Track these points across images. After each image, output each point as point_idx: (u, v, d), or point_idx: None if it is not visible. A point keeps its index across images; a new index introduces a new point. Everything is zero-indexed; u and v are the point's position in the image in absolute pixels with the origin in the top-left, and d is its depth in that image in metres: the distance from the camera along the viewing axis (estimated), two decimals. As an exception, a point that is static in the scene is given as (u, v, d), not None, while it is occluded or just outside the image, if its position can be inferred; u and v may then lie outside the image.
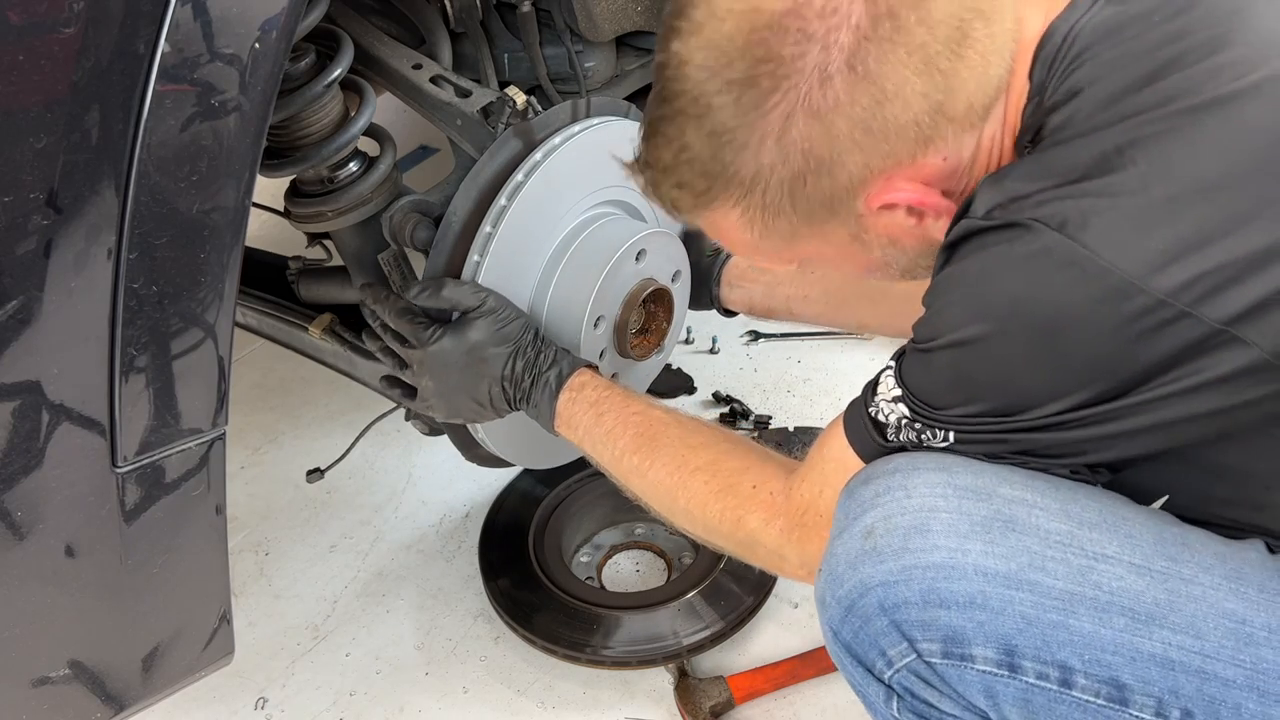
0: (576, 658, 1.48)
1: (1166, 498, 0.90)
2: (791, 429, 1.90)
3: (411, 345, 1.27)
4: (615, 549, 1.73)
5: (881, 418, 0.91)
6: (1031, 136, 0.85)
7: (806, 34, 0.79)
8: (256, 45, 0.86)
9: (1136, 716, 0.81)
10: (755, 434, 1.89)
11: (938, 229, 0.88)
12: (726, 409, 1.95)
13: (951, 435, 0.87)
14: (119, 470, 0.92)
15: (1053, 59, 0.84)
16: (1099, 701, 0.81)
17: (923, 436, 0.89)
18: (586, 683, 1.51)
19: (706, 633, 1.48)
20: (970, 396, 0.85)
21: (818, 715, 1.45)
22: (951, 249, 0.84)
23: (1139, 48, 0.81)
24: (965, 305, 0.83)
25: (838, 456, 0.96)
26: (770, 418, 1.93)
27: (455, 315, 1.27)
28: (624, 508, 1.75)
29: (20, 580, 0.92)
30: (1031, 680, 0.82)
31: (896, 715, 0.89)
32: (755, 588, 1.54)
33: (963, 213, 0.84)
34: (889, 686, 0.87)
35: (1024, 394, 0.82)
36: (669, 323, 1.47)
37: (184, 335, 0.91)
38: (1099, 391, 0.79)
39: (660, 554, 1.70)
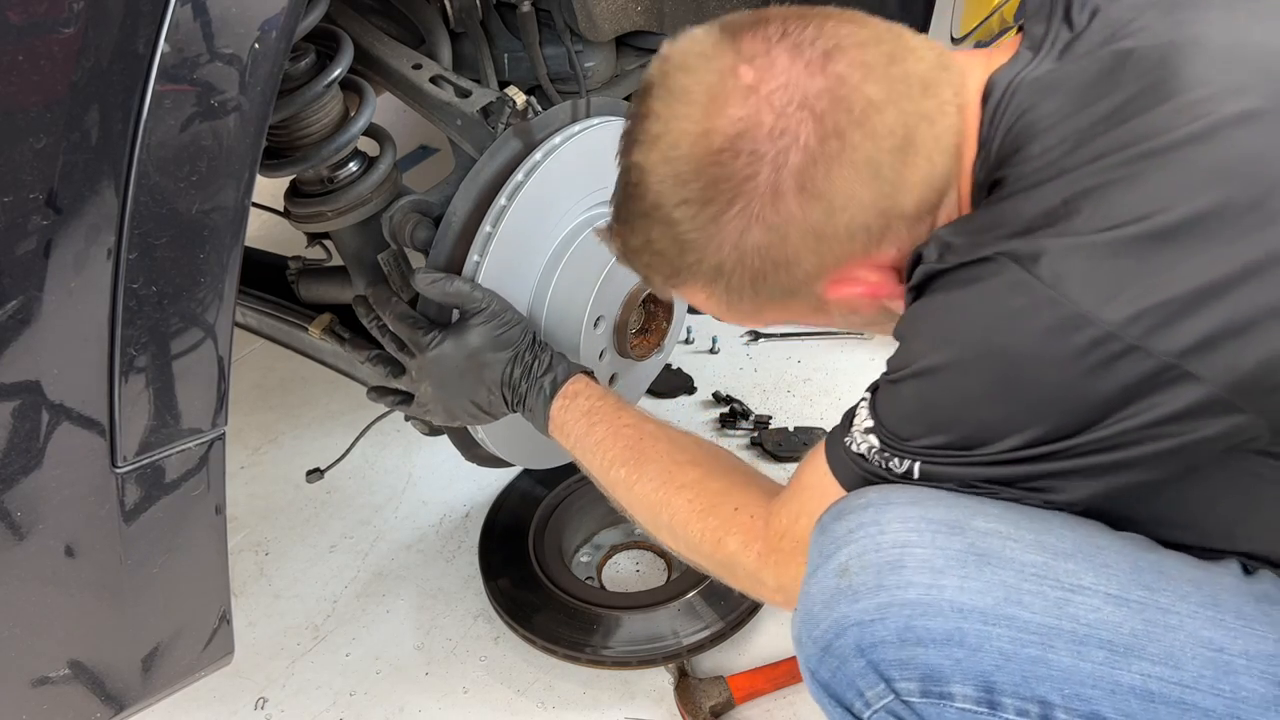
0: (576, 658, 1.48)
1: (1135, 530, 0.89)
2: (791, 429, 1.90)
3: (410, 352, 1.27)
4: (615, 549, 1.73)
5: (856, 448, 0.92)
6: (986, 193, 0.87)
7: (758, 155, 0.83)
8: (256, 45, 0.86)
9: None
10: (755, 434, 1.89)
11: (894, 304, 0.92)
12: (726, 409, 1.95)
13: (917, 467, 0.88)
14: (119, 470, 0.92)
15: (994, 112, 0.86)
16: None
17: (891, 465, 0.89)
18: (586, 683, 1.51)
19: (706, 633, 1.48)
20: (933, 427, 0.86)
21: (817, 715, 1.44)
22: (917, 290, 0.87)
23: (1078, 102, 0.83)
24: (930, 335, 0.85)
25: (817, 484, 0.96)
26: (770, 418, 1.93)
27: (455, 318, 1.27)
28: (624, 508, 1.75)
29: (20, 580, 0.92)
30: (1011, 716, 0.81)
31: None
32: (755, 588, 1.54)
33: (915, 262, 0.87)
34: None
35: (983, 427, 0.83)
36: (669, 323, 1.47)
37: (184, 335, 0.91)
38: (1054, 427, 0.80)
39: (660, 554, 1.70)
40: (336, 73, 1.20)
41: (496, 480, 1.82)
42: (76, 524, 0.92)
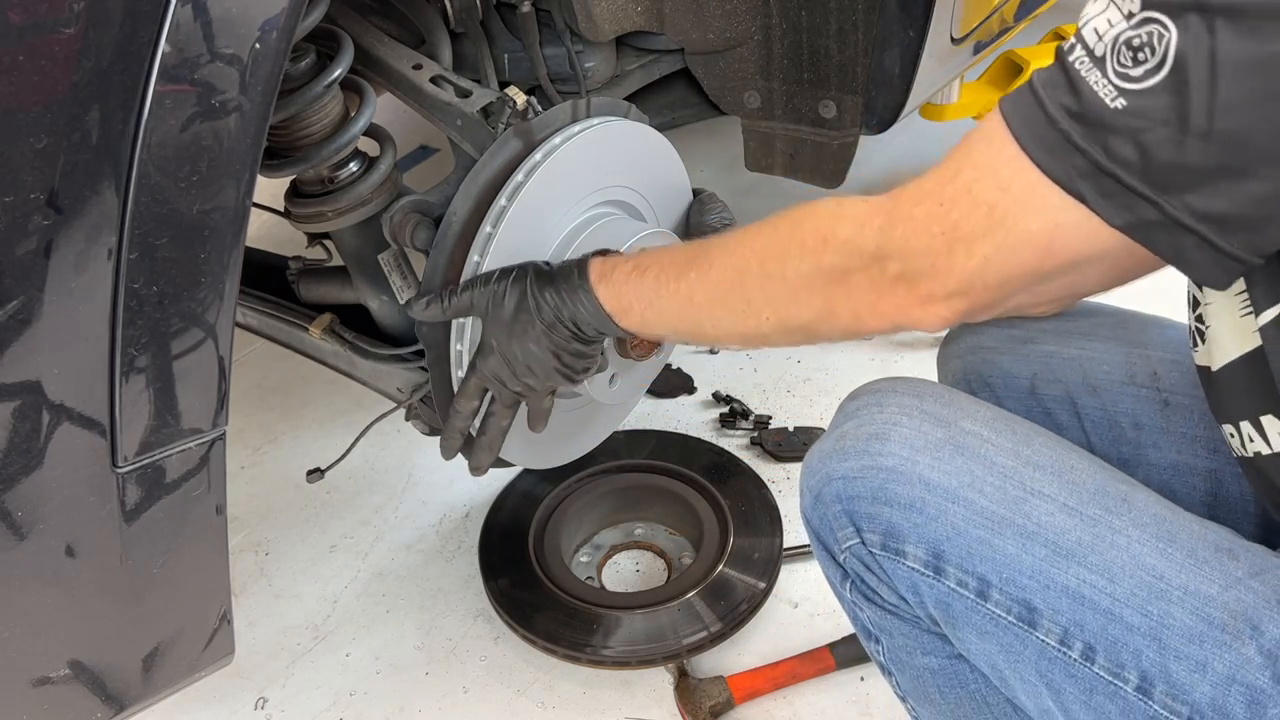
0: (576, 658, 1.48)
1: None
2: (791, 429, 1.90)
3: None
4: (615, 549, 1.73)
5: (1074, 59, 0.74)
6: None
7: None
8: (257, 45, 0.86)
9: (1042, 640, 0.86)
10: (755, 434, 1.90)
11: None
12: (726, 409, 1.95)
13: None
14: (119, 470, 0.92)
15: None
16: (1009, 619, 0.87)
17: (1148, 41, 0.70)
18: (586, 683, 1.51)
19: (706, 633, 1.48)
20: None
21: (817, 715, 1.45)
22: None
23: None
24: None
25: (987, 131, 0.82)
26: (770, 418, 1.93)
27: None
28: (624, 507, 1.75)
29: (20, 580, 0.92)
30: (952, 585, 0.89)
31: (850, 596, 1.00)
32: (754, 587, 1.54)
33: None
34: (843, 568, 0.98)
35: None
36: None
37: (184, 335, 0.91)
38: None
39: (660, 554, 1.70)
40: (337, 73, 1.20)
41: (496, 480, 1.82)
42: (77, 524, 0.92)
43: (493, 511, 1.73)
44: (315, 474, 1.49)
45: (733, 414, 1.94)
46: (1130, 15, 0.71)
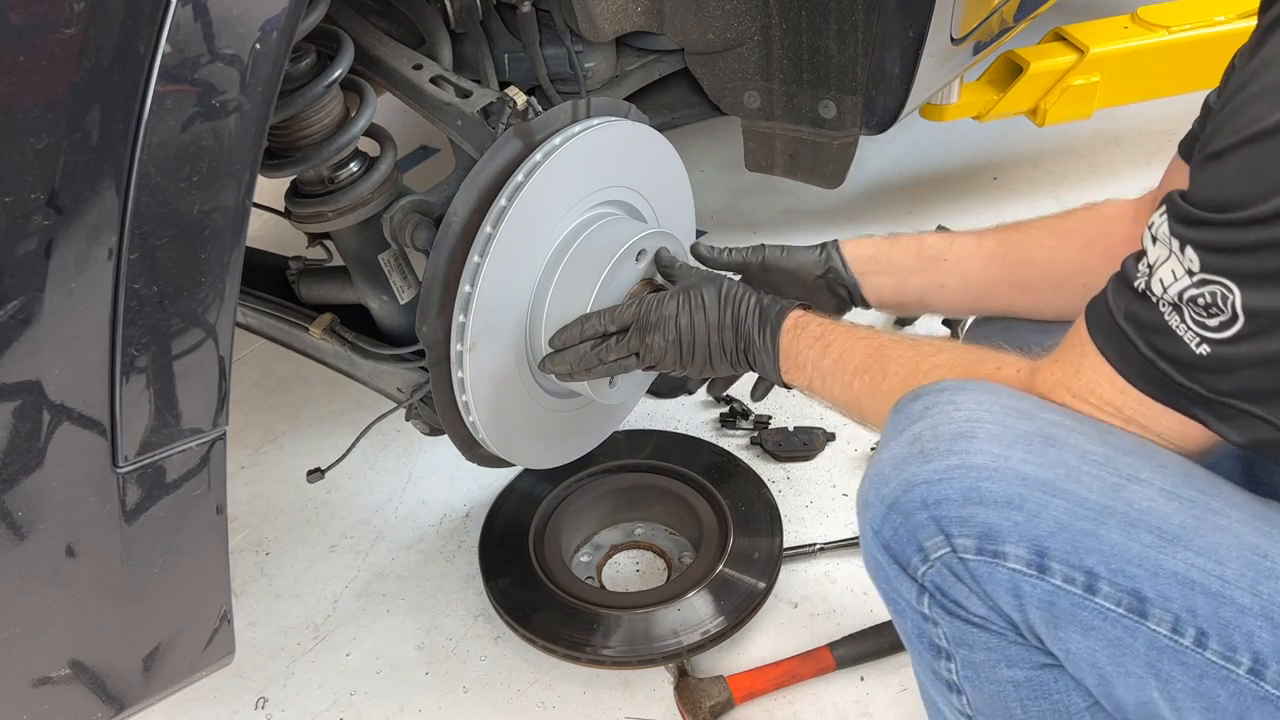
0: (576, 658, 1.48)
1: None
2: (791, 429, 1.90)
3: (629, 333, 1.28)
4: (615, 549, 1.73)
5: (1141, 283, 0.84)
6: None
7: None
8: (257, 46, 0.86)
9: (1154, 630, 0.83)
10: (755, 434, 1.90)
11: None
12: (726, 409, 1.95)
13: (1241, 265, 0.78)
14: (120, 470, 0.92)
15: None
16: (1119, 610, 0.84)
17: (1208, 280, 0.78)
18: (586, 683, 1.51)
19: (706, 633, 1.48)
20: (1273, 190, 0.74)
21: (817, 715, 1.45)
22: (1269, 30, 0.76)
23: None
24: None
25: (1080, 343, 0.93)
26: (770, 418, 1.93)
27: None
28: (624, 507, 1.75)
29: (21, 580, 0.92)
30: (1058, 583, 0.85)
31: (926, 612, 0.92)
32: (754, 587, 1.54)
33: None
34: (920, 584, 0.90)
35: None
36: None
37: (185, 335, 0.91)
38: None
39: (660, 554, 1.71)
40: (337, 73, 1.20)
41: (496, 480, 1.82)
42: (77, 524, 0.92)
43: (493, 511, 1.73)
44: (315, 474, 1.49)
45: (733, 414, 1.94)
46: (1190, 274, 0.80)
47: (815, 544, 1.67)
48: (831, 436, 1.89)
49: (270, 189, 1.36)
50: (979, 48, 1.98)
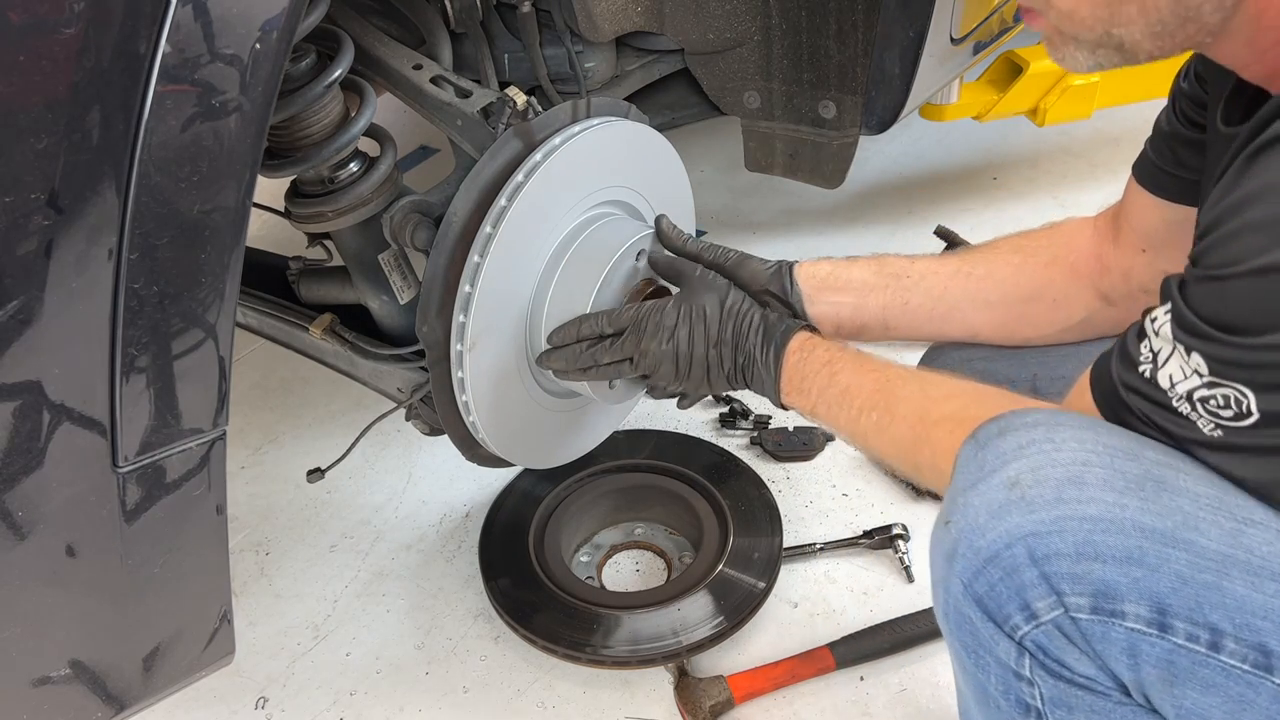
0: (576, 658, 1.48)
1: None
2: (791, 429, 1.90)
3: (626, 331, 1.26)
4: (615, 549, 1.73)
5: (1143, 371, 0.84)
6: None
7: None
8: (257, 46, 0.86)
9: (1278, 685, 0.78)
10: (755, 434, 1.90)
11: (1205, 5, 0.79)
12: (726, 409, 1.95)
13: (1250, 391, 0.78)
14: (120, 470, 0.92)
15: None
16: (1244, 667, 0.79)
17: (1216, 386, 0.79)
18: (586, 683, 1.51)
19: (706, 632, 1.48)
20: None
21: (817, 715, 1.45)
22: (1258, 152, 0.75)
23: None
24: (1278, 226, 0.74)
25: (1086, 409, 0.90)
26: (770, 418, 1.93)
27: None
28: (624, 507, 1.75)
29: (21, 580, 0.92)
30: (1180, 641, 0.79)
31: (1028, 675, 0.85)
32: (754, 587, 1.54)
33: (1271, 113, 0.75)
34: (1020, 644, 0.83)
35: None
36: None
37: (185, 335, 0.91)
38: None
39: (660, 554, 1.71)
40: (337, 73, 1.20)
41: (496, 480, 1.82)
42: (77, 524, 0.92)
43: (493, 511, 1.73)
44: (315, 474, 1.49)
45: (733, 414, 1.94)
46: (1200, 375, 0.79)
47: (815, 544, 1.67)
48: (831, 437, 1.89)
49: (270, 189, 1.36)
50: (979, 48, 1.98)
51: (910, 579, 1.61)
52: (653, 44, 1.77)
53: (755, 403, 1.98)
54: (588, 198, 1.38)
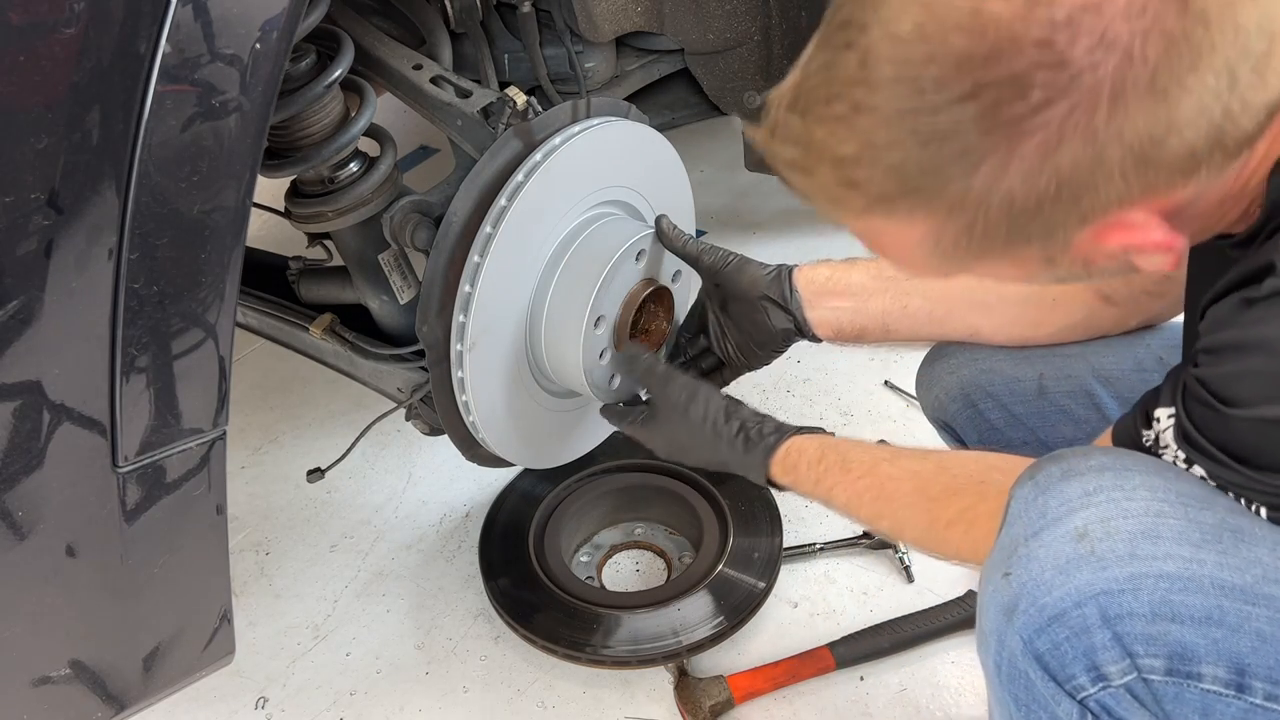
0: (576, 657, 1.48)
1: None
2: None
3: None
4: (615, 549, 1.73)
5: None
6: None
7: (1108, 39, 0.63)
8: (257, 46, 0.86)
9: None
10: (755, 434, 1.89)
11: (1146, 260, 0.75)
12: (726, 409, 1.94)
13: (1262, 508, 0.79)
14: (120, 470, 0.92)
15: None
16: None
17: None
18: (586, 683, 1.51)
19: (706, 632, 1.48)
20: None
21: (817, 715, 1.45)
22: (1251, 302, 0.74)
23: None
24: (1277, 380, 0.73)
25: None
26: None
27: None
28: (624, 507, 1.75)
29: (21, 580, 0.92)
30: (1258, 701, 0.76)
31: None
32: (754, 587, 1.54)
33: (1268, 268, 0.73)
34: (1083, 704, 0.79)
35: None
36: (669, 322, 1.47)
37: (185, 335, 0.91)
38: None
39: (660, 554, 1.70)
40: (337, 73, 1.20)
41: (496, 480, 1.82)
42: (77, 524, 0.92)
43: (493, 511, 1.73)
44: (315, 474, 1.49)
45: (733, 414, 1.93)
46: (1203, 477, 0.80)
47: (815, 544, 1.67)
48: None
49: (270, 189, 1.36)
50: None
51: (910, 579, 1.61)
52: (653, 44, 1.77)
53: (756, 402, 1.98)
54: (588, 198, 1.38)
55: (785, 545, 1.63)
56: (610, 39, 1.62)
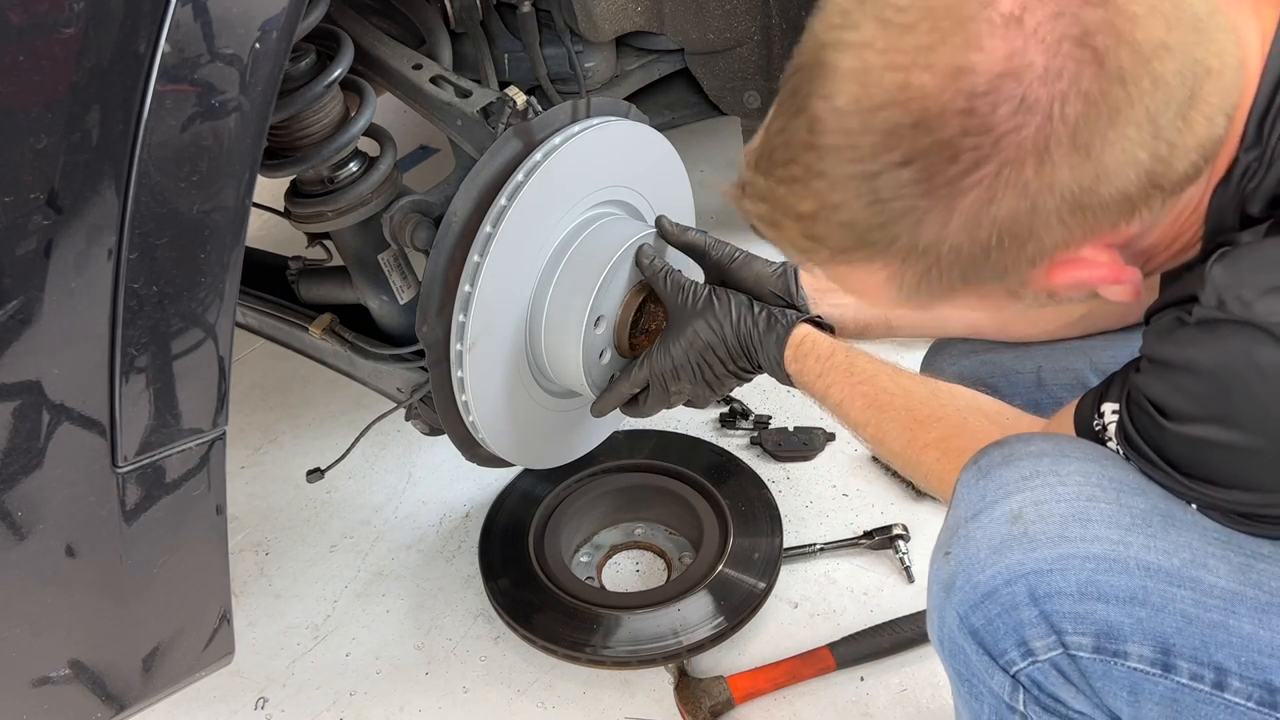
0: (576, 658, 1.48)
1: None
2: (791, 429, 1.90)
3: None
4: (615, 549, 1.73)
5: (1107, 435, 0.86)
6: (1265, 206, 0.75)
7: (1030, 103, 0.68)
8: (257, 45, 0.86)
9: None
10: (755, 434, 1.90)
11: (1105, 290, 0.80)
12: (726, 409, 1.95)
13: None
14: (119, 470, 0.92)
15: (1273, 95, 0.74)
16: (1248, 705, 0.78)
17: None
18: (586, 683, 1.51)
19: (706, 633, 1.48)
20: (1208, 477, 0.79)
21: (817, 715, 1.45)
22: (1183, 323, 0.77)
23: None
24: (1204, 403, 0.76)
25: None
26: (770, 417, 1.93)
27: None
28: (624, 507, 1.75)
29: (20, 580, 0.92)
30: (1184, 680, 0.79)
31: (1021, 709, 0.84)
32: (754, 588, 1.54)
33: (1193, 296, 0.76)
34: (1015, 678, 0.83)
35: (1264, 486, 0.77)
36: (669, 322, 1.47)
37: (184, 335, 0.91)
38: None
39: (660, 554, 1.70)
40: (337, 73, 1.20)
41: (496, 480, 1.82)
42: (77, 524, 0.92)
43: (493, 511, 1.73)
44: (315, 474, 1.49)
45: (733, 414, 1.93)
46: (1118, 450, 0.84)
47: (815, 544, 1.67)
48: (831, 436, 1.89)
49: (270, 189, 1.36)
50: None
51: (910, 579, 1.61)
52: (653, 44, 1.77)
53: (756, 402, 1.98)
54: (588, 198, 1.38)
55: (785, 545, 1.63)
56: (610, 39, 1.62)
